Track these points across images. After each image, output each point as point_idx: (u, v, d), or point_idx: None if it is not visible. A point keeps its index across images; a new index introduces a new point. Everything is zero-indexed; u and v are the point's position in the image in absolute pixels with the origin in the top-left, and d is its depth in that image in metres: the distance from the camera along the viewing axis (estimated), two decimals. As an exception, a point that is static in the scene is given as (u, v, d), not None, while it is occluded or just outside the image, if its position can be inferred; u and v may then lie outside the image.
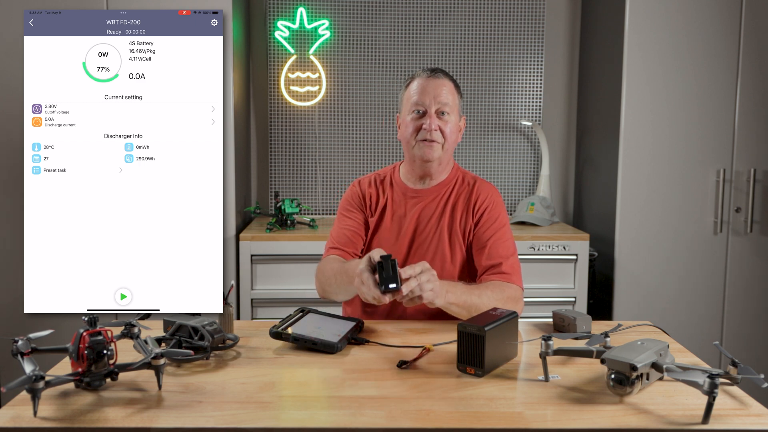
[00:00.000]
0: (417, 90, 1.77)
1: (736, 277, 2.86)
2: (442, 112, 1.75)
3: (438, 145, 1.76)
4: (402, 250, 1.79)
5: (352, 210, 1.86)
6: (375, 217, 1.84)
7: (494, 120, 3.33)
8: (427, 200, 1.83)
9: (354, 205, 1.86)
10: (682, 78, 2.78)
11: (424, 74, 1.78)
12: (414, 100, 1.76)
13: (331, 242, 1.84)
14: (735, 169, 2.82)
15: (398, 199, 1.84)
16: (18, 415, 1.13)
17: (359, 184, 1.90)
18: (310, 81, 3.23)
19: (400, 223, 1.82)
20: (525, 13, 3.27)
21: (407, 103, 1.79)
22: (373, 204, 1.86)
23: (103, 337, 1.22)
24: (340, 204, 1.90)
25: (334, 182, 3.32)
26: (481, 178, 1.89)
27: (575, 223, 3.39)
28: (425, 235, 1.80)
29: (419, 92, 1.76)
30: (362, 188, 1.88)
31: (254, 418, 1.13)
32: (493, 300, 1.62)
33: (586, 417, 1.14)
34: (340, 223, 1.86)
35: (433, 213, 1.81)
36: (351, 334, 1.51)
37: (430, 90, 1.75)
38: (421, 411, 1.16)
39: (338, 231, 1.84)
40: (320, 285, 1.79)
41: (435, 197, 1.83)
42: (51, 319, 1.71)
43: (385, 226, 1.82)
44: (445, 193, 1.83)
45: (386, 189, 1.87)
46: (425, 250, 1.78)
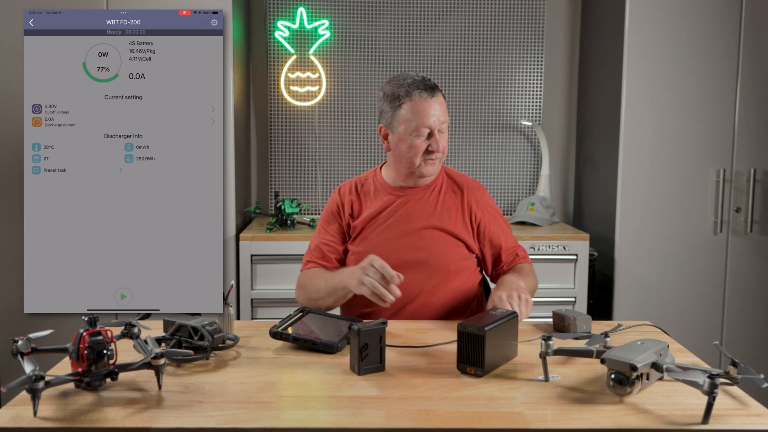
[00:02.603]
0: (421, 112, 1.73)
1: (736, 277, 2.86)
2: (442, 129, 1.77)
3: (438, 160, 1.80)
4: (393, 250, 1.78)
5: (330, 222, 1.87)
6: (358, 221, 1.84)
7: (494, 120, 3.33)
8: (416, 198, 1.84)
9: (332, 217, 1.87)
10: (682, 78, 2.78)
11: (423, 94, 1.74)
12: (420, 123, 1.73)
13: (309, 254, 1.87)
14: (735, 169, 2.82)
15: (383, 200, 1.84)
16: (18, 415, 1.13)
17: (339, 191, 1.90)
18: (310, 81, 3.23)
19: (388, 224, 1.81)
20: (525, 14, 3.27)
21: (406, 122, 1.74)
22: (355, 209, 1.86)
23: (103, 337, 1.22)
24: (322, 213, 1.91)
25: (334, 182, 3.32)
26: (465, 176, 1.93)
27: (575, 223, 3.39)
28: (420, 231, 1.80)
29: (425, 114, 1.73)
30: (341, 196, 1.88)
31: (254, 418, 1.13)
32: (532, 279, 1.84)
33: (586, 417, 1.14)
34: (318, 237, 1.88)
35: (427, 210, 1.82)
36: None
37: (434, 112, 1.74)
38: (421, 411, 1.16)
39: (316, 244, 1.87)
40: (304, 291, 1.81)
41: (425, 195, 1.84)
42: (51, 319, 1.71)
43: (371, 227, 1.82)
44: (434, 191, 1.85)
45: (368, 192, 1.87)
46: (419, 248, 1.79)
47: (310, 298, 1.78)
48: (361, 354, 1.32)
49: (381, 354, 1.34)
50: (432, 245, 1.79)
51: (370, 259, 1.58)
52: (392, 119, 1.78)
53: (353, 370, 1.34)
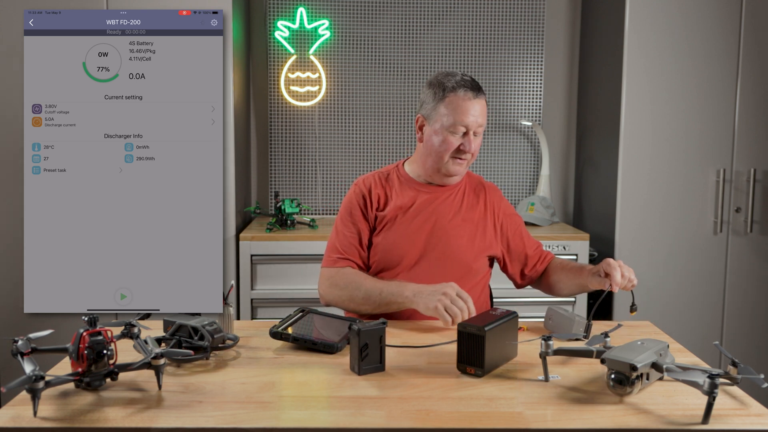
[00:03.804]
0: (462, 109, 1.73)
1: (736, 277, 2.86)
2: (477, 132, 1.77)
3: (467, 162, 1.80)
4: (419, 243, 1.79)
5: (355, 214, 1.83)
6: (386, 211, 1.82)
7: (494, 120, 3.33)
8: (443, 196, 1.84)
9: (357, 208, 1.83)
10: (682, 78, 2.78)
11: (469, 92, 1.74)
12: (458, 120, 1.73)
13: (337, 251, 1.81)
14: (735, 169, 2.82)
15: (409, 194, 1.83)
16: (18, 415, 1.13)
17: (362, 183, 1.87)
18: (310, 81, 3.23)
19: (415, 217, 1.81)
20: (525, 14, 3.27)
21: (445, 116, 1.74)
22: (381, 201, 1.84)
23: (103, 337, 1.22)
24: (343, 207, 1.87)
25: (334, 182, 3.32)
26: (482, 178, 1.95)
27: (575, 223, 3.39)
28: (446, 228, 1.80)
29: (465, 112, 1.73)
30: (366, 187, 1.85)
31: (254, 418, 1.13)
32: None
33: (586, 417, 1.14)
34: (345, 230, 1.83)
35: (453, 208, 1.83)
36: (351, 334, 1.51)
37: (476, 112, 1.74)
38: (421, 411, 1.16)
39: (342, 239, 1.82)
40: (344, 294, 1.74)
41: (450, 194, 1.85)
42: (51, 319, 1.71)
43: (397, 220, 1.81)
44: (459, 190, 1.87)
45: (393, 185, 1.86)
46: (445, 243, 1.79)
47: (352, 300, 1.72)
48: (361, 354, 1.32)
49: (381, 354, 1.34)
50: (456, 244, 1.80)
51: (448, 285, 1.61)
52: (432, 111, 1.77)
53: (353, 370, 1.34)
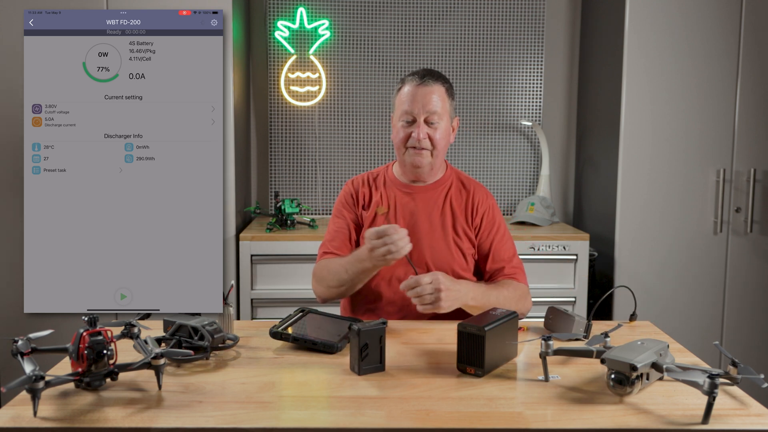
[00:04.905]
0: (407, 98, 1.77)
1: (736, 277, 2.86)
2: (431, 121, 1.76)
3: (427, 152, 1.78)
4: None
5: (343, 210, 1.87)
6: (369, 211, 1.85)
7: (494, 120, 3.33)
8: (424, 197, 1.84)
9: (346, 205, 1.87)
10: (682, 78, 2.78)
11: (414, 80, 1.77)
12: (404, 108, 1.77)
13: (325, 246, 1.84)
14: (735, 169, 2.82)
15: (393, 195, 1.85)
16: (18, 415, 1.13)
17: (352, 183, 1.91)
18: (310, 81, 3.23)
19: (396, 218, 1.83)
20: (525, 14, 3.27)
21: (398, 109, 1.80)
22: (366, 201, 1.87)
23: (103, 337, 1.22)
24: (334, 206, 1.91)
25: (334, 182, 3.32)
26: (474, 180, 1.92)
27: (575, 223, 3.39)
28: (423, 230, 1.80)
29: (409, 100, 1.76)
30: (354, 187, 1.89)
31: (254, 418, 1.13)
32: (510, 299, 1.71)
33: (586, 417, 1.14)
34: (333, 225, 1.87)
35: (431, 210, 1.82)
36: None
37: (419, 98, 1.75)
38: (421, 411, 1.16)
39: (331, 233, 1.86)
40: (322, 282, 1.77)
41: (432, 195, 1.85)
42: (51, 319, 1.71)
43: (379, 221, 1.83)
44: (441, 191, 1.85)
45: (379, 186, 1.88)
46: (423, 245, 1.79)
47: (330, 286, 1.74)
48: (361, 354, 1.32)
49: (381, 354, 1.34)
50: (437, 246, 1.79)
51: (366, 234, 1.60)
52: (393, 107, 1.83)
53: (353, 370, 1.34)
